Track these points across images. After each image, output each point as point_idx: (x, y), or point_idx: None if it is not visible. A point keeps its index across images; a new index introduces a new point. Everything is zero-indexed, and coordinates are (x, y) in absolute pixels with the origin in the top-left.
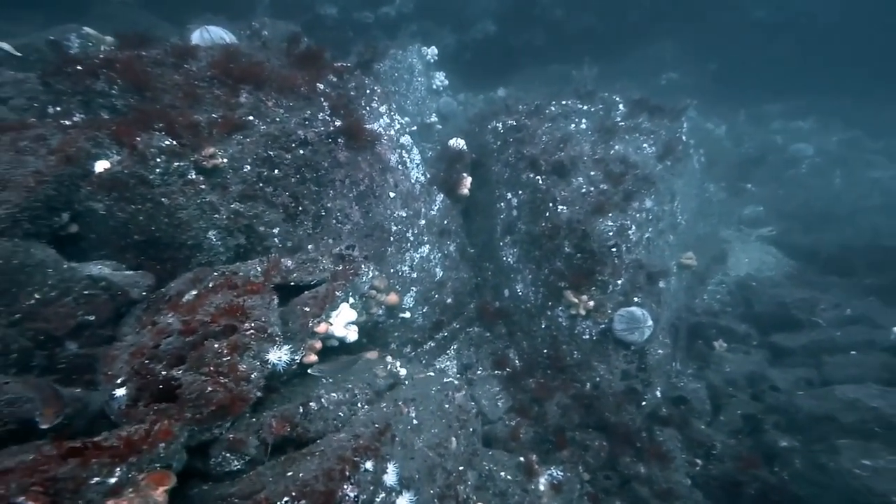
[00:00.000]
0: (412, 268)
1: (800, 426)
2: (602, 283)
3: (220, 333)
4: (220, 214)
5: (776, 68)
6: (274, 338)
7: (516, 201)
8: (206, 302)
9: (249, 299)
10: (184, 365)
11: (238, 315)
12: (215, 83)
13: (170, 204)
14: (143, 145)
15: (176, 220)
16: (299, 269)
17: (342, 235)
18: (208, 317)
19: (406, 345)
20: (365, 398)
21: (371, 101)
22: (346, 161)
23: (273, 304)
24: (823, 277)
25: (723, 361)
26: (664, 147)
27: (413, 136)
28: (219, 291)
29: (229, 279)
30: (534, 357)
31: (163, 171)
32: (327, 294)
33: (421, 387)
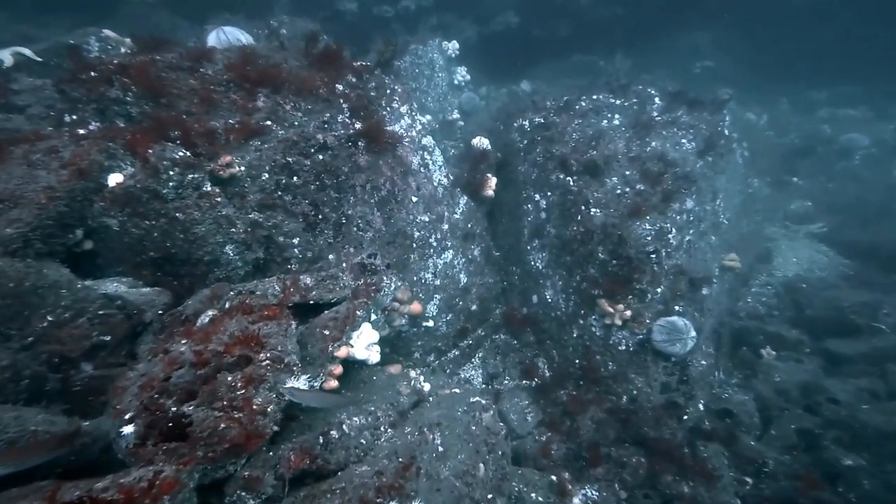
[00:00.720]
0: (436, 274)
1: (867, 443)
2: (640, 292)
3: (234, 365)
4: (236, 228)
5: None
6: (291, 367)
7: (545, 203)
8: (220, 329)
9: (265, 326)
10: (195, 400)
11: (253, 345)
12: (232, 87)
13: (185, 219)
14: (155, 158)
15: (192, 235)
16: (319, 286)
17: (364, 244)
18: (222, 346)
19: (430, 353)
20: (388, 420)
21: (392, 101)
22: (367, 165)
23: (290, 330)
24: (885, 277)
25: (772, 370)
26: (705, 142)
27: (435, 135)
28: (234, 316)
29: (245, 302)
30: (565, 367)
31: (176, 184)
32: (348, 315)
33: (447, 406)
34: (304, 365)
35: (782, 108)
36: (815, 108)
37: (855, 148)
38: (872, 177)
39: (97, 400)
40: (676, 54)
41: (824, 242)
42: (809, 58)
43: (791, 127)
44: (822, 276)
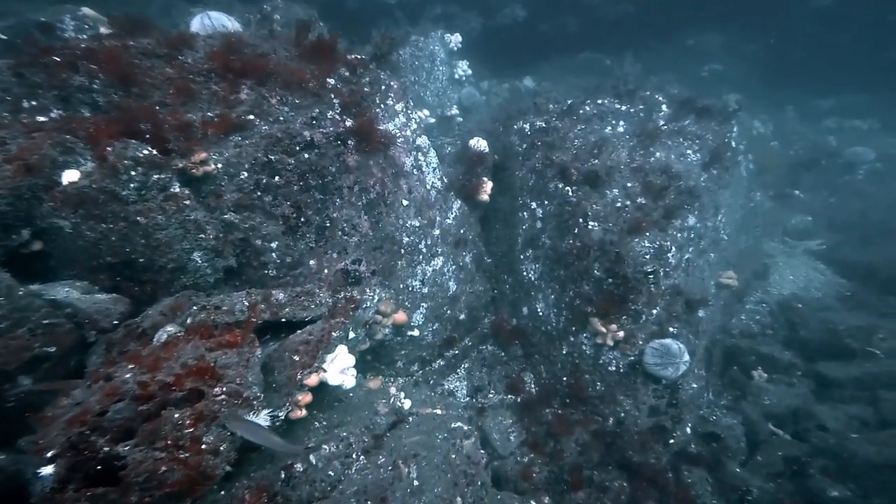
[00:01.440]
0: (423, 282)
1: (854, 474)
2: (634, 313)
3: (184, 400)
4: (206, 234)
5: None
6: (251, 402)
7: (541, 212)
8: (173, 355)
9: (224, 356)
10: (133, 439)
11: (207, 378)
12: (213, 77)
13: (147, 223)
14: (114, 156)
15: (154, 241)
16: (292, 303)
17: (348, 249)
18: (171, 377)
19: (413, 363)
20: (362, 446)
21: (387, 97)
22: (356, 166)
23: (253, 359)
24: (883, 300)
25: (762, 393)
26: (711, 154)
27: (432, 131)
28: (191, 340)
29: (206, 324)
30: (552, 384)
31: (139, 185)
32: (322, 338)
33: (426, 430)
34: (269, 392)
35: (788, 115)
36: (822, 118)
37: (860, 162)
38: (876, 193)
39: (34, 417)
40: (685, 56)
41: (822, 260)
42: (819, 64)
43: (796, 136)
44: (819, 296)
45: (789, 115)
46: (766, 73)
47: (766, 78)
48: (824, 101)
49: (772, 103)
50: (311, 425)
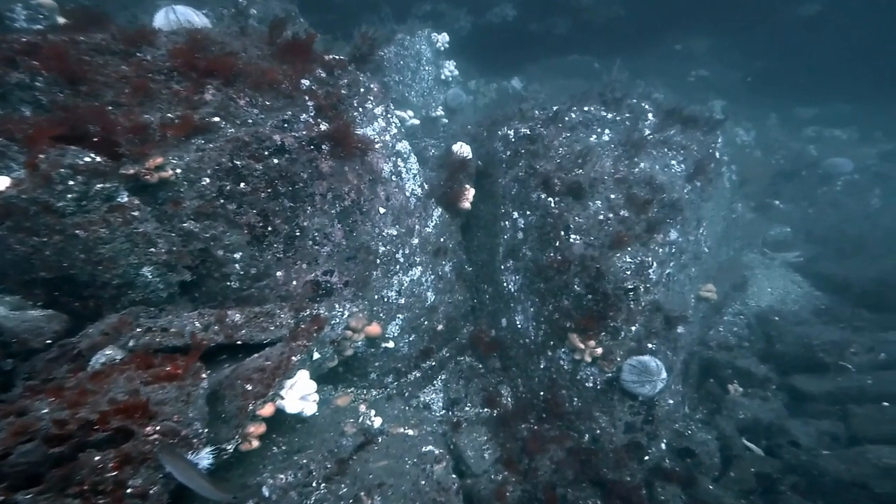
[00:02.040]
0: (400, 293)
1: (823, 491)
2: (613, 329)
3: (107, 441)
4: (157, 248)
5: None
6: (190, 440)
7: (523, 223)
8: (101, 387)
9: (161, 391)
10: (38, 486)
11: (138, 416)
12: (175, 76)
13: (87, 237)
14: (47, 165)
15: (96, 255)
16: (250, 324)
17: (319, 259)
18: (95, 415)
19: (388, 374)
20: (323, 473)
21: (366, 101)
22: (330, 172)
23: (196, 393)
24: (855, 313)
25: (736, 407)
26: (695, 165)
27: (416, 132)
28: (125, 370)
29: (150, 349)
30: (529, 398)
31: (78, 195)
32: (280, 363)
33: (396, 450)
34: (217, 423)
35: (771, 123)
36: (804, 126)
37: (838, 173)
38: (852, 205)
39: None
40: (673, 60)
41: (800, 273)
42: (802, 73)
43: (777, 145)
44: (795, 309)
45: (772, 122)
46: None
47: (751, 85)
48: (807, 110)
49: (756, 110)
50: (268, 451)
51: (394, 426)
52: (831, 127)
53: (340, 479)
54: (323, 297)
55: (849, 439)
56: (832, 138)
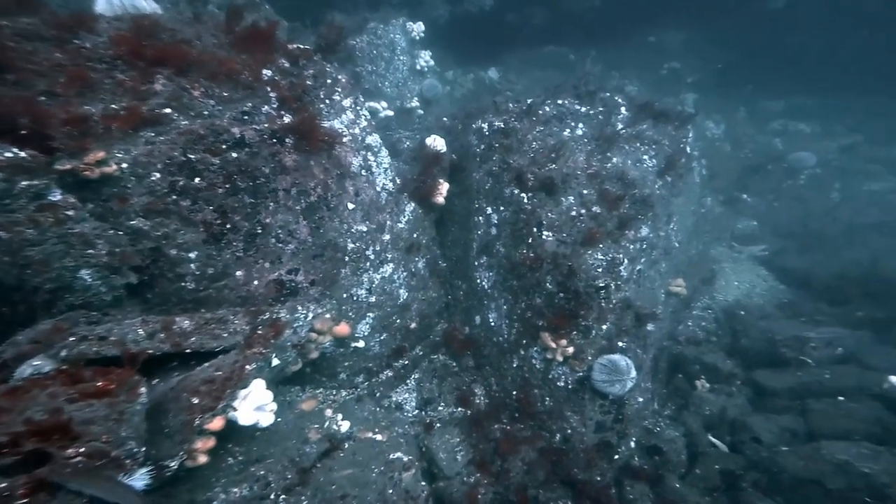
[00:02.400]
0: (371, 291)
1: (782, 488)
2: (585, 328)
3: (17, 466)
4: (97, 249)
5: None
6: (123, 461)
7: (497, 218)
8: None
9: (89, 409)
10: None
11: (58, 437)
12: (119, 65)
13: (12, 239)
14: None
15: (24, 259)
16: (200, 331)
17: (283, 257)
18: (6, 437)
19: (358, 374)
20: (283, 485)
21: (333, 92)
22: (295, 166)
23: (131, 410)
24: (815, 305)
25: (703, 403)
26: (666, 161)
27: (390, 124)
28: (49, 385)
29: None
30: (502, 398)
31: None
32: (232, 374)
33: (363, 457)
34: (161, 439)
35: (739, 116)
36: (770, 120)
37: (802, 167)
38: (814, 198)
39: None
40: (647, 52)
41: (765, 266)
42: (770, 66)
43: (746, 138)
44: (760, 303)
45: (741, 115)
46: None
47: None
48: (774, 104)
49: (727, 102)
50: (222, 462)
51: (362, 430)
52: (796, 121)
53: (301, 490)
54: (287, 296)
55: (807, 435)
56: (797, 132)
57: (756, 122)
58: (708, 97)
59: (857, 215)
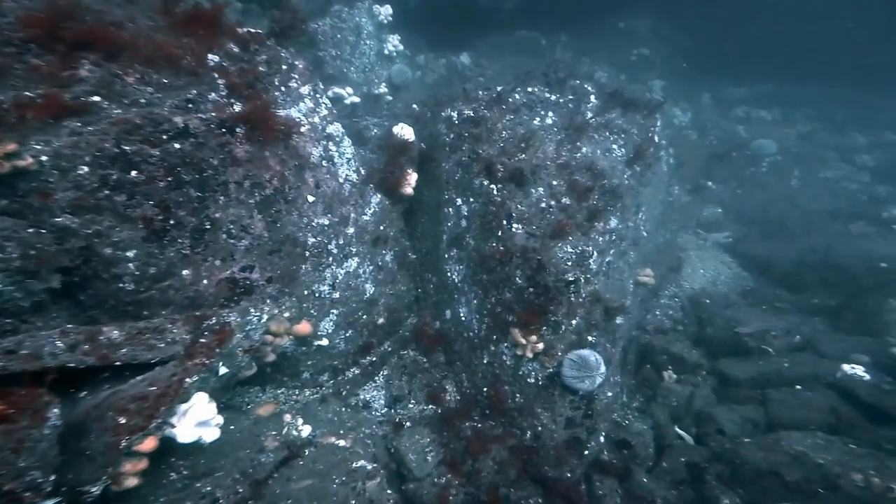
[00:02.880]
0: (334, 286)
1: (744, 480)
2: (554, 324)
3: None
4: (6, 252)
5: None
6: (21, 495)
7: (466, 210)
8: None
9: None
10: None
11: None
12: (32, 49)
13: None
14: None
15: None
16: (132, 342)
17: (236, 254)
18: None
19: (323, 373)
20: (233, 500)
21: (289, 79)
22: (248, 157)
23: (35, 437)
24: (775, 292)
25: (670, 394)
26: (635, 150)
27: (356, 110)
28: None
29: None
30: (473, 395)
31: None
32: (168, 389)
33: (324, 465)
34: (81, 462)
35: (705, 103)
36: (734, 106)
37: (763, 154)
38: (775, 185)
39: None
40: (617, 38)
41: (729, 253)
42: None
43: (711, 125)
44: (725, 290)
45: (706, 101)
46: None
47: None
48: (737, 90)
49: (693, 88)
50: (164, 478)
51: (325, 435)
52: (758, 108)
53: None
54: (242, 295)
55: (767, 425)
56: (759, 119)
57: (721, 108)
58: (675, 83)
59: (813, 202)
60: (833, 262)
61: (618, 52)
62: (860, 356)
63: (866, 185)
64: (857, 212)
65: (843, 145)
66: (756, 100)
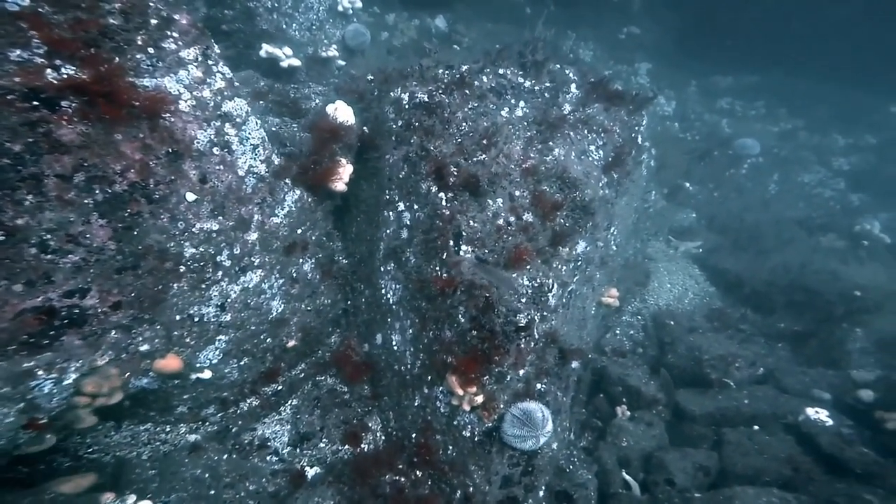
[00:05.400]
0: (224, 307)
1: None
2: (499, 374)
3: None
4: None
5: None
6: None
7: (409, 218)
8: None
9: None
10: None
11: None
12: None
13: None
14: None
15: None
16: None
17: (55, 274)
18: None
19: (208, 405)
20: None
21: (161, 38)
22: (81, 142)
23: None
24: (742, 316)
25: (621, 433)
26: (615, 153)
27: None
28: None
29: None
30: (400, 439)
31: None
32: None
33: None
34: None
35: (690, 90)
36: (718, 97)
37: (746, 155)
38: (752, 190)
39: None
40: (608, 12)
41: (699, 265)
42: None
43: (694, 117)
44: (690, 309)
45: (692, 90)
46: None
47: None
48: (724, 79)
49: (681, 74)
50: None
51: None
52: (742, 100)
53: None
54: (63, 329)
55: (719, 473)
56: (742, 112)
57: (705, 98)
58: (663, 67)
59: (788, 208)
60: (804, 285)
61: (607, 27)
62: (822, 393)
63: (841, 193)
64: (830, 223)
65: (821, 146)
66: (741, 91)
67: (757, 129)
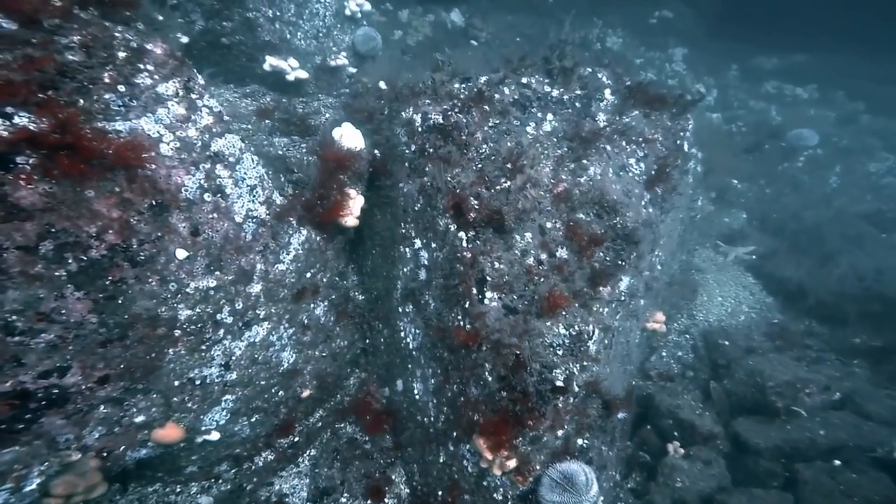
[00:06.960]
0: (229, 366)
1: None
2: (534, 437)
3: None
4: None
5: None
6: None
7: (427, 258)
8: None
9: None
10: None
11: None
12: None
13: None
14: None
15: None
16: None
17: (26, 356)
18: None
19: (220, 463)
20: None
21: (134, 72)
22: (45, 205)
23: None
24: (808, 329)
25: (674, 473)
26: (657, 165)
27: (303, 87)
28: None
29: None
30: (425, 495)
31: None
32: None
33: None
34: None
35: (731, 74)
36: (763, 80)
37: (802, 147)
38: (811, 183)
39: None
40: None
41: (752, 273)
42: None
43: (737, 104)
44: (745, 327)
45: (732, 74)
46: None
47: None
48: (767, 60)
49: (718, 59)
50: None
51: None
52: (791, 83)
53: None
54: (41, 411)
55: None
56: (793, 97)
57: (748, 83)
58: (698, 52)
59: (852, 203)
60: (881, 293)
61: (635, 12)
62: None
63: None
64: None
65: (887, 130)
66: (788, 74)
67: (811, 115)
